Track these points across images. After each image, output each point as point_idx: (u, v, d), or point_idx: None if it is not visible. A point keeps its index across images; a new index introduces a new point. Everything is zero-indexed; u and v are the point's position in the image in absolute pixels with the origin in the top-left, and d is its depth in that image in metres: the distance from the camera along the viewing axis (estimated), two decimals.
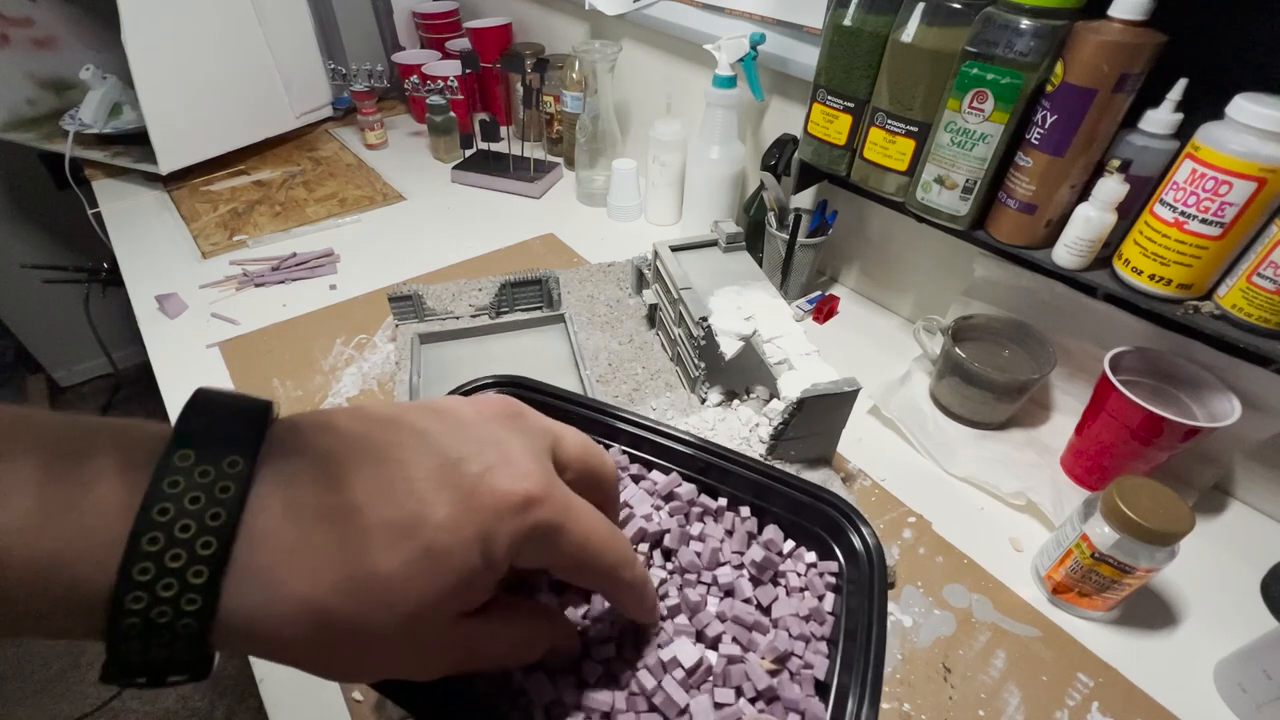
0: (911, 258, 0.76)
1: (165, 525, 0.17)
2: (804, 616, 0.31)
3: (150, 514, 0.17)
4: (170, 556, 0.17)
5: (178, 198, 0.99)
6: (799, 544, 0.34)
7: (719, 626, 0.30)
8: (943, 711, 0.43)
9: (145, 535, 0.17)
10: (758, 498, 0.35)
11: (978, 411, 0.63)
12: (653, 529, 0.33)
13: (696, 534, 0.33)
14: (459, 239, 0.91)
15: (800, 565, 0.34)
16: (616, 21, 0.96)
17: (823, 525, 0.34)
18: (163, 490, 0.17)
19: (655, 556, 0.33)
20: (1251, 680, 0.43)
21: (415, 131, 1.22)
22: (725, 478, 0.35)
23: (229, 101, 1.03)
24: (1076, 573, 0.47)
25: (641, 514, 0.33)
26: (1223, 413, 0.50)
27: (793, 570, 0.33)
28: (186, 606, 0.17)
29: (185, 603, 0.17)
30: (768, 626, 0.31)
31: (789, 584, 0.33)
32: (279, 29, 1.05)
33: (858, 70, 0.59)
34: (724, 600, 0.32)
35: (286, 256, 0.86)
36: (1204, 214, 0.45)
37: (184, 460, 0.17)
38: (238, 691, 1.22)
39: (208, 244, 0.89)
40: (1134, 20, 0.44)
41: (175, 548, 0.17)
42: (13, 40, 1.13)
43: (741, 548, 0.34)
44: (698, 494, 0.35)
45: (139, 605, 0.16)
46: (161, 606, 0.17)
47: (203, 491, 0.17)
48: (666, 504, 0.34)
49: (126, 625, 0.16)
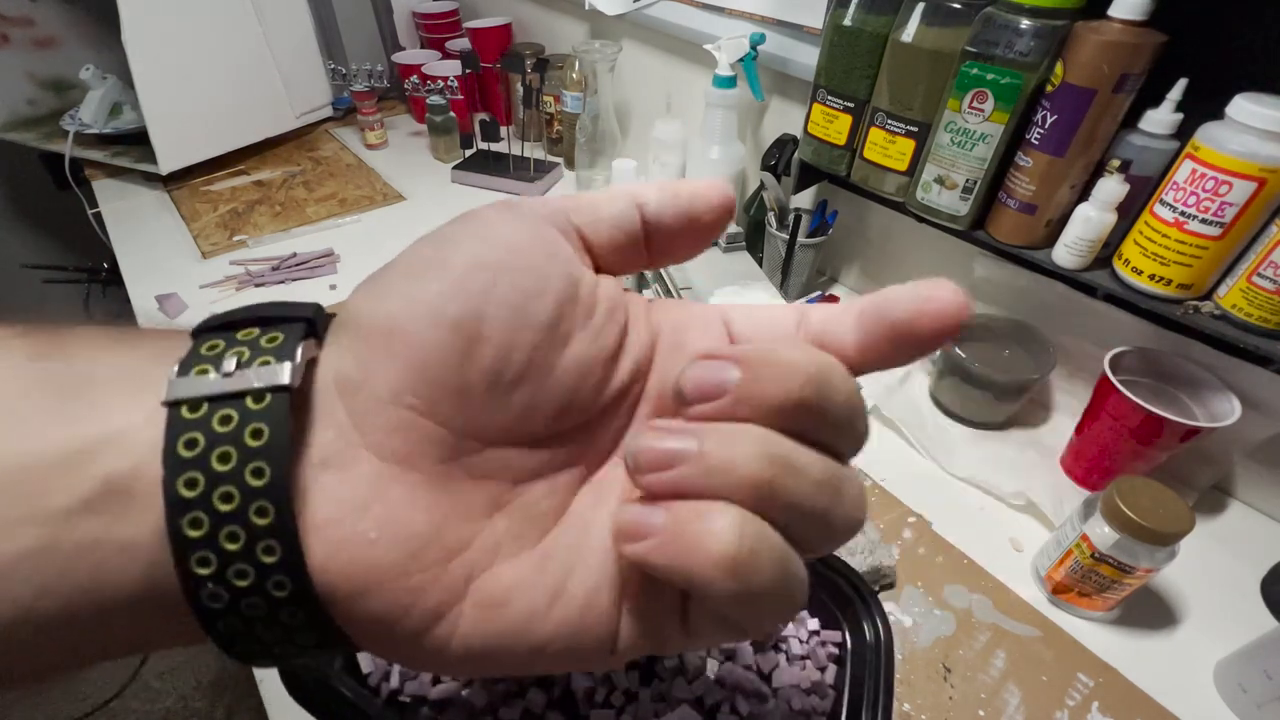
0: (911, 258, 0.76)
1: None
2: (806, 689, 0.31)
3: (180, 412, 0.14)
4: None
5: (178, 198, 0.99)
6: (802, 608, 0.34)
7: (718, 693, 0.30)
8: (943, 711, 0.43)
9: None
10: None
11: (978, 411, 0.63)
12: None
13: None
14: None
15: (803, 631, 0.33)
16: (616, 21, 0.96)
17: (828, 593, 0.33)
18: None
19: None
20: (1251, 680, 0.43)
21: (415, 131, 1.22)
22: None
23: (229, 101, 1.03)
24: (1076, 573, 0.47)
25: None
26: (1222, 413, 0.50)
27: (795, 636, 0.33)
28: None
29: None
30: (768, 695, 0.30)
31: (790, 651, 0.32)
32: (279, 29, 1.05)
33: (858, 70, 0.59)
34: (724, 664, 0.31)
35: (287, 256, 0.86)
36: (1204, 214, 0.45)
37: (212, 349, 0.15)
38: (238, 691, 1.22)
39: (208, 244, 0.89)
40: (1134, 20, 0.44)
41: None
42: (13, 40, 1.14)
43: None
44: None
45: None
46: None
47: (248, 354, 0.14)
48: None
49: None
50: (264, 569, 0.13)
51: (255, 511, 0.13)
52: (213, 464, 0.13)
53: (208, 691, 1.23)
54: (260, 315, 0.15)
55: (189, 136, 1.00)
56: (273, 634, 0.14)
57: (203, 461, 0.13)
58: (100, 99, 1.06)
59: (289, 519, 0.13)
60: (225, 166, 1.06)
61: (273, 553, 0.13)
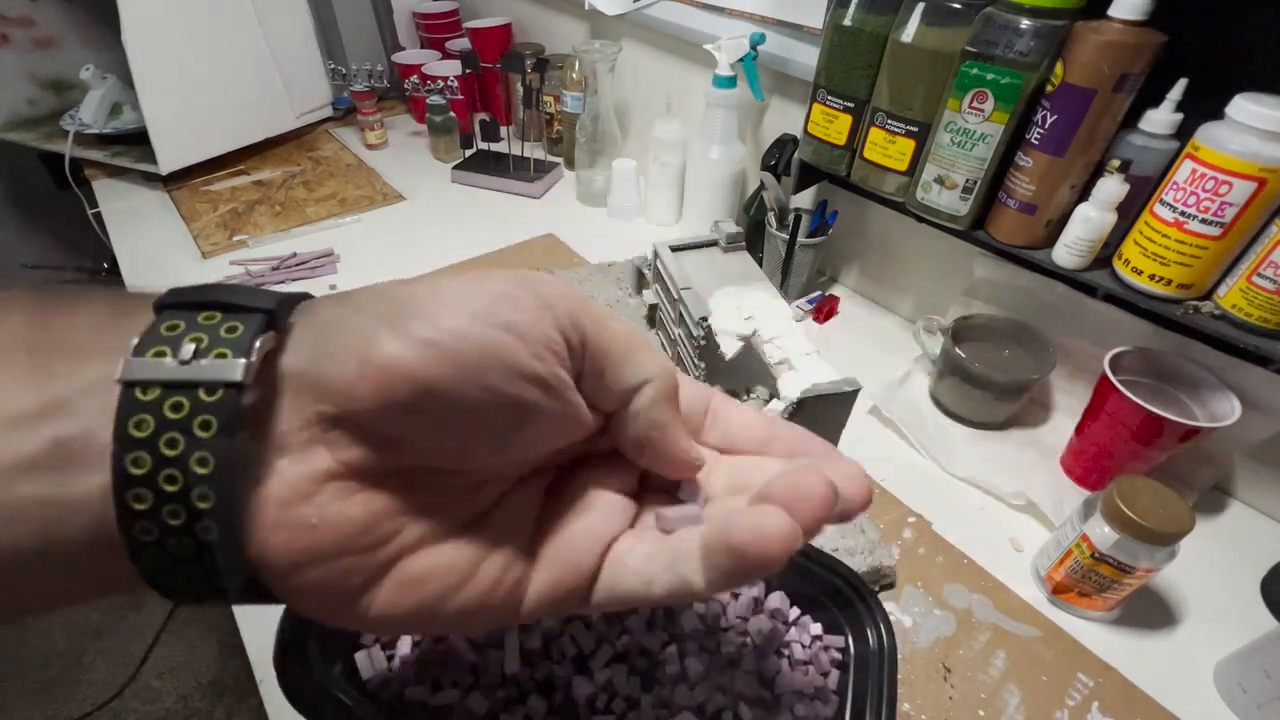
0: (911, 258, 0.76)
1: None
2: (809, 695, 0.30)
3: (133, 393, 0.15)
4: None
5: (178, 198, 0.99)
6: (804, 612, 0.33)
7: (720, 700, 0.29)
8: (943, 711, 0.43)
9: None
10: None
11: (978, 411, 0.63)
12: None
13: None
14: (459, 239, 0.91)
15: (805, 636, 0.33)
16: (616, 21, 0.96)
17: (830, 596, 0.33)
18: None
19: (657, 618, 0.32)
20: (1251, 680, 0.43)
21: (415, 131, 1.22)
22: None
23: (229, 101, 1.03)
24: (1076, 573, 0.47)
25: None
26: (1223, 413, 0.50)
27: (797, 641, 0.32)
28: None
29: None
30: (771, 702, 0.30)
31: (793, 656, 0.32)
32: (279, 29, 1.05)
33: (858, 70, 0.59)
34: (726, 670, 0.31)
35: (287, 256, 0.86)
36: (1204, 214, 0.45)
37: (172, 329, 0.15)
38: (238, 691, 1.22)
39: (208, 244, 0.89)
40: (1134, 20, 0.44)
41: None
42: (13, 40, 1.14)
43: (745, 614, 0.33)
44: None
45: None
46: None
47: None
48: None
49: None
50: (202, 544, 0.15)
51: (198, 496, 0.14)
52: (160, 448, 0.14)
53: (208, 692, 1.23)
54: (223, 300, 0.16)
55: (189, 136, 1.00)
56: (204, 588, 0.15)
57: (151, 444, 0.14)
58: (100, 99, 1.06)
59: (229, 507, 0.15)
60: (225, 166, 1.06)
61: (210, 533, 0.15)
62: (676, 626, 0.32)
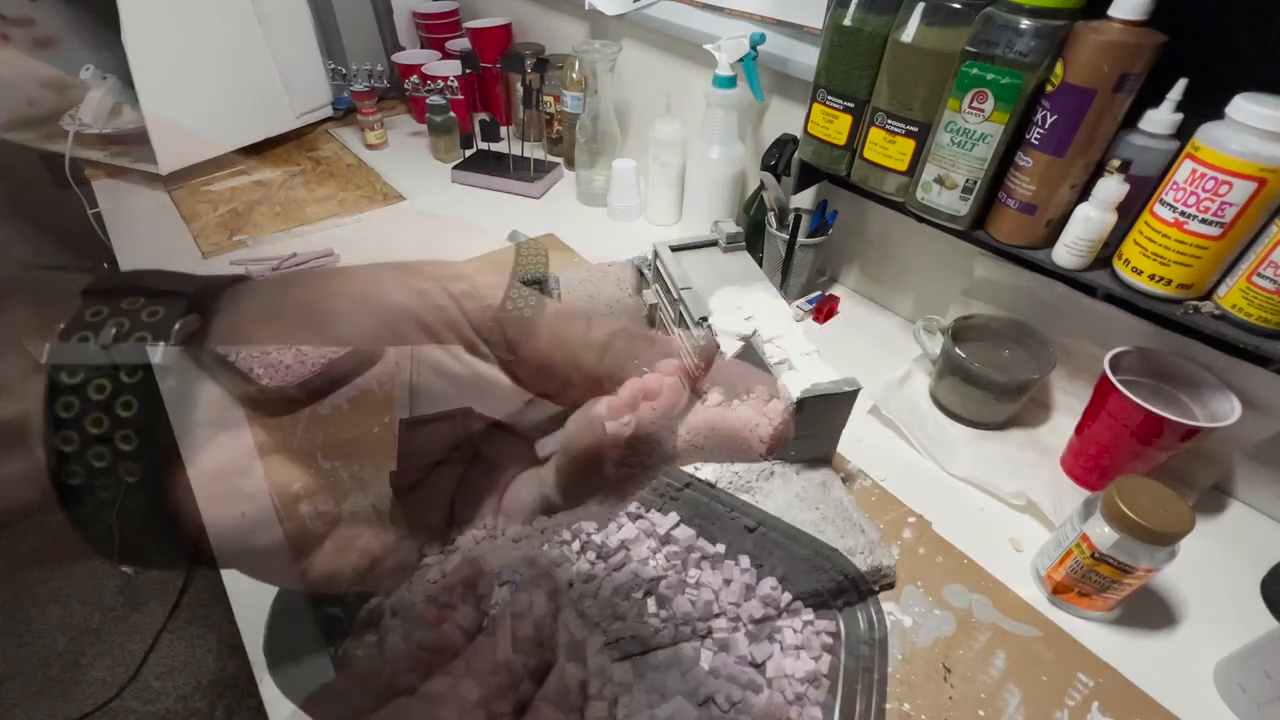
0: (911, 258, 0.76)
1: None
2: (800, 679, 0.31)
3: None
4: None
5: (178, 198, 0.99)
6: (796, 598, 0.34)
7: (713, 684, 0.30)
8: (943, 711, 0.43)
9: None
10: (757, 549, 0.34)
11: (978, 411, 0.63)
12: (648, 574, 0.33)
13: (693, 581, 0.33)
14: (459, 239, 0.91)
15: (797, 622, 0.33)
16: (616, 21, 0.96)
17: (822, 583, 0.33)
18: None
19: (649, 604, 0.33)
20: (1251, 680, 0.43)
21: (415, 131, 1.22)
22: (725, 527, 0.35)
23: (229, 101, 1.03)
24: (1076, 573, 0.47)
25: (639, 557, 0.33)
26: (1222, 413, 0.50)
27: (789, 626, 0.33)
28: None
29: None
30: (761, 686, 0.30)
31: (785, 641, 0.32)
32: (279, 29, 1.05)
33: (858, 70, 0.59)
34: (718, 655, 0.31)
35: (287, 256, 0.86)
36: (1204, 214, 0.45)
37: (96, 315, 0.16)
38: (237, 692, 1.22)
39: (208, 244, 0.89)
40: (1134, 20, 0.44)
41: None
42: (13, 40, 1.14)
43: (738, 599, 0.33)
44: (696, 538, 0.35)
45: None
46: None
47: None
48: (664, 547, 0.34)
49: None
50: (134, 512, 0.16)
51: (125, 471, 0.16)
52: (87, 427, 0.16)
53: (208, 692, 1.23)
54: (146, 286, 0.17)
55: (189, 136, 1.00)
56: (144, 556, 0.17)
57: (78, 423, 0.15)
58: (100, 99, 1.06)
59: (153, 479, 0.16)
60: (225, 166, 1.06)
61: (139, 503, 0.16)
62: (669, 612, 0.32)
